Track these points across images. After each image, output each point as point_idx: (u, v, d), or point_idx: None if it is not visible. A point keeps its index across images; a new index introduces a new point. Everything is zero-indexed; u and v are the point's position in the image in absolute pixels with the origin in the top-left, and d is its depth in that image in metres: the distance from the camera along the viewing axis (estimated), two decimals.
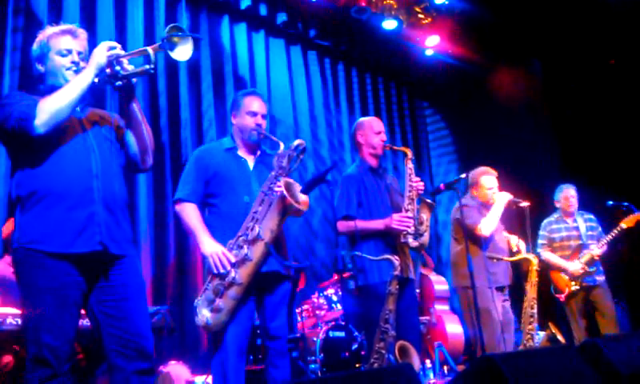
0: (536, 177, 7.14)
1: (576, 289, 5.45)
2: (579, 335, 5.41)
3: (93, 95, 2.69)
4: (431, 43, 7.89)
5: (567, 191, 5.69)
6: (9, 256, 3.81)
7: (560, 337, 4.84)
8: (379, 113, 8.14)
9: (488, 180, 4.86)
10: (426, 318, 6.56)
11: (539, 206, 5.55)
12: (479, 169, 4.97)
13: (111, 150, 2.63)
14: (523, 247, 4.86)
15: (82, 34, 2.67)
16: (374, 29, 7.48)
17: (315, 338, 4.98)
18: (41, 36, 2.64)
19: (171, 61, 4.73)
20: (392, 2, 7.29)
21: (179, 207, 3.26)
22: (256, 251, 3.01)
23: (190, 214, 3.20)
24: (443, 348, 5.74)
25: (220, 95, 6.38)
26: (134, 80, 2.57)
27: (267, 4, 6.89)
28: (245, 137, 3.37)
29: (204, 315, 2.99)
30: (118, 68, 2.49)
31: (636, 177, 6.60)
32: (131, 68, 2.51)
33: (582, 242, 5.51)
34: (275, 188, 3.06)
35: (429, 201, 4.04)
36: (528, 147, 7.59)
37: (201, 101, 6.24)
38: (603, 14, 6.78)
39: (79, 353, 3.73)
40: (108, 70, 2.49)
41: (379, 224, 3.92)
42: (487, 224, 4.62)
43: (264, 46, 7.08)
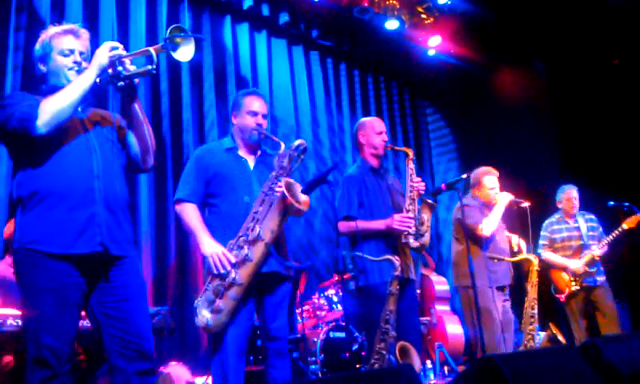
0: (537, 177, 7.14)
1: (576, 289, 5.45)
2: (579, 335, 5.41)
3: (95, 95, 2.69)
4: (433, 43, 7.89)
5: (569, 192, 5.68)
6: (10, 257, 3.81)
7: (561, 337, 4.85)
8: (381, 113, 8.14)
9: (490, 180, 4.86)
10: (427, 319, 6.56)
11: (540, 207, 5.54)
12: (481, 169, 4.97)
13: (113, 151, 2.62)
14: (524, 246, 4.86)
15: (85, 34, 2.67)
16: (377, 29, 7.47)
17: (316, 339, 4.98)
18: (43, 36, 2.64)
19: (173, 61, 4.76)
20: (394, 2, 7.29)
21: (179, 207, 3.25)
22: (256, 252, 3.00)
23: (190, 214, 3.19)
24: (444, 348, 5.75)
25: (222, 95, 6.38)
26: (136, 80, 2.57)
27: (269, 4, 6.90)
28: (245, 137, 3.36)
29: (204, 316, 2.98)
30: (120, 68, 2.49)
31: (637, 177, 6.59)
32: (133, 68, 2.51)
33: (583, 243, 5.52)
34: (276, 188, 3.06)
35: (430, 201, 4.04)
36: (529, 147, 7.59)
37: (203, 101, 6.24)
38: (604, 15, 6.77)
39: (80, 354, 3.74)
40: (110, 71, 2.49)
41: (380, 224, 3.91)
42: (488, 224, 4.62)
43: (266, 46, 7.09)
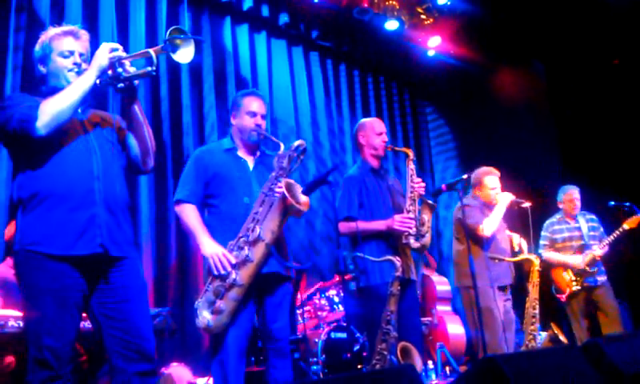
0: (537, 177, 7.13)
1: (577, 289, 5.44)
2: (581, 335, 5.40)
3: (95, 97, 2.69)
4: (433, 44, 7.89)
5: (572, 193, 5.67)
6: (11, 258, 3.81)
7: (562, 337, 4.84)
8: (381, 113, 8.13)
9: (491, 180, 4.86)
10: (428, 319, 6.55)
11: (540, 207, 5.54)
12: (483, 169, 4.96)
13: (113, 152, 2.62)
14: (525, 246, 4.86)
15: (84, 36, 2.67)
16: (376, 29, 7.48)
17: (317, 339, 4.98)
18: (43, 37, 2.64)
19: (173, 63, 4.76)
20: (394, 3, 7.29)
21: (179, 208, 3.25)
22: (257, 252, 3.00)
23: (190, 215, 3.19)
24: (445, 349, 5.74)
25: (222, 96, 6.37)
26: (136, 82, 2.57)
27: (269, 5, 6.89)
28: (244, 137, 3.36)
29: (205, 317, 2.97)
30: (120, 70, 2.49)
31: (637, 177, 6.59)
32: (133, 70, 2.51)
33: (584, 243, 5.51)
34: (276, 189, 3.06)
35: (430, 202, 4.03)
36: (529, 147, 7.58)
37: (202, 102, 6.23)
38: (604, 15, 6.77)
39: (82, 354, 3.74)
40: (110, 72, 2.49)
41: (381, 225, 3.91)
42: (489, 224, 4.62)
43: (266, 47, 7.08)
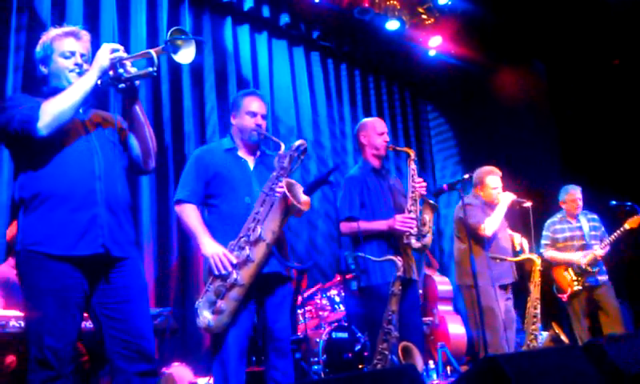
0: (537, 177, 7.14)
1: (578, 289, 5.43)
2: (582, 335, 5.40)
3: (96, 97, 2.69)
4: (434, 44, 7.90)
5: (574, 193, 5.65)
6: (13, 259, 3.82)
7: (563, 337, 4.84)
8: (382, 113, 8.13)
9: (493, 180, 4.86)
10: (429, 319, 6.55)
11: (541, 206, 5.54)
12: (484, 168, 4.96)
13: (114, 152, 2.63)
14: (526, 245, 4.86)
15: (85, 36, 2.67)
16: (377, 29, 7.47)
17: (318, 339, 4.98)
18: (44, 38, 2.64)
19: (174, 63, 4.75)
20: (395, 3, 7.29)
21: (179, 208, 3.24)
22: (258, 252, 3.00)
23: (191, 215, 3.18)
24: (446, 349, 5.74)
25: (223, 96, 6.38)
26: (137, 82, 2.58)
27: (270, 5, 6.90)
28: (244, 137, 3.35)
29: (205, 317, 2.97)
30: (121, 70, 2.50)
31: (638, 177, 6.58)
32: (134, 70, 2.51)
33: (586, 242, 5.51)
34: (277, 188, 3.06)
35: (431, 202, 4.03)
36: (529, 147, 7.59)
37: (204, 102, 6.24)
38: (604, 15, 6.77)
39: (84, 354, 3.74)
40: (111, 73, 2.49)
41: (382, 225, 3.91)
42: (491, 224, 4.62)
43: (267, 48, 7.08)
